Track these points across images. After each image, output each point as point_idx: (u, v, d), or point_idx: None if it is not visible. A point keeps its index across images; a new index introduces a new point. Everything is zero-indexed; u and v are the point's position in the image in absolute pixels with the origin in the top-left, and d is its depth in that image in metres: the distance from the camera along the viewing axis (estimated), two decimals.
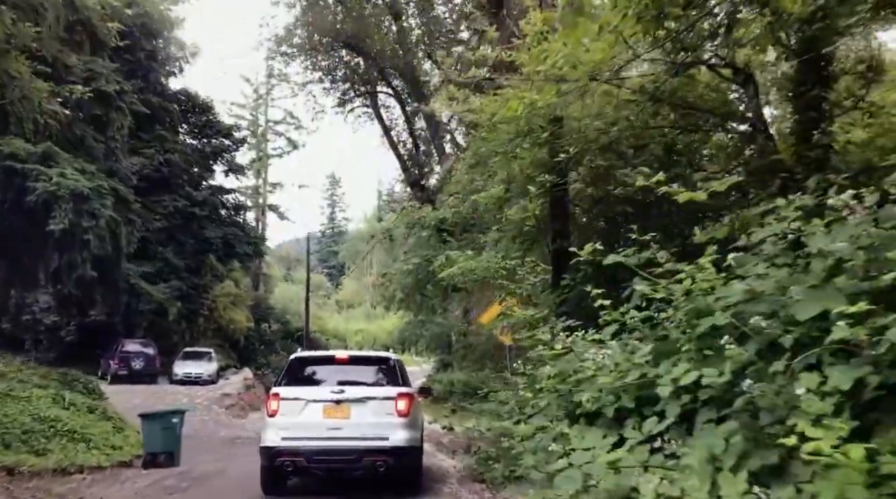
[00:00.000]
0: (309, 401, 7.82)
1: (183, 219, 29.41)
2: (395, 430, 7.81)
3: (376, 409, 7.84)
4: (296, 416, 7.76)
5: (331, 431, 7.67)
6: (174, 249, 29.08)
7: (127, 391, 24.09)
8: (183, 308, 28.97)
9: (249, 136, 55.64)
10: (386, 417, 7.82)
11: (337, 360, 8.74)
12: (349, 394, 7.84)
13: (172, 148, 29.02)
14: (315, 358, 9.37)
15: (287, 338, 39.89)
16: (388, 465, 7.73)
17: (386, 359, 8.99)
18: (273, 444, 7.74)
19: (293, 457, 7.66)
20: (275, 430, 7.84)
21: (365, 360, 9.28)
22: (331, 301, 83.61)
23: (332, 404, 7.78)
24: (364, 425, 7.72)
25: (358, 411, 7.79)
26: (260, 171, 55.60)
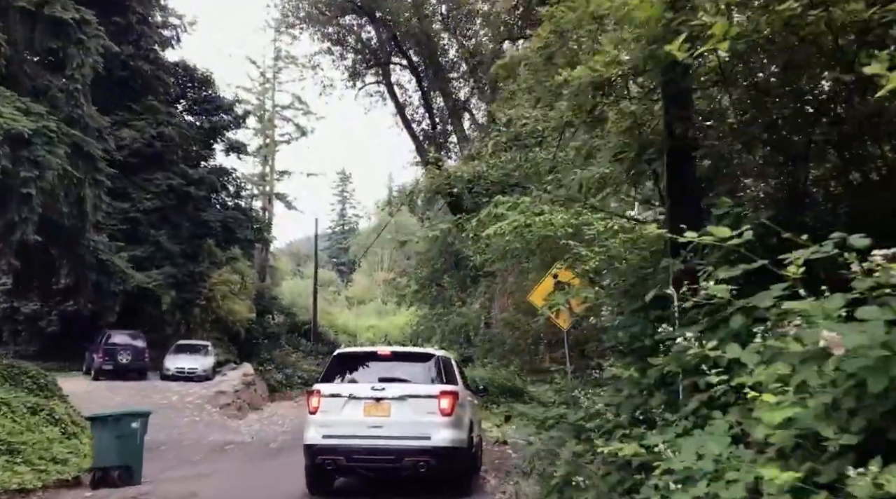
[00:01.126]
0: (349, 398, 7.69)
1: (178, 199, 26.72)
2: (438, 429, 7.54)
3: (417, 407, 7.62)
4: (336, 413, 7.64)
5: (371, 429, 7.49)
6: (168, 233, 26.41)
7: (110, 388, 21.35)
8: (178, 297, 26.28)
9: (256, 121, 53.38)
10: (427, 416, 7.57)
11: (380, 356, 8.49)
12: (390, 391, 7.64)
13: (166, 121, 26.33)
14: (358, 354, 9.13)
15: (293, 332, 37.18)
16: (431, 466, 7.49)
17: (430, 355, 8.67)
18: (314, 442, 7.61)
19: (333, 456, 7.53)
20: (316, 427, 7.69)
21: (408, 356, 8.92)
22: (341, 297, 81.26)
23: (373, 401, 7.61)
24: (405, 423, 7.52)
25: (398, 409, 7.58)
26: (267, 157, 53.07)
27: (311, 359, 34.70)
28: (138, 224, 25.45)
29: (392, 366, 8.36)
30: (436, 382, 8.05)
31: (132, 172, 25.97)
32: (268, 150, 52.99)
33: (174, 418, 18.03)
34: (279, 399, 27.77)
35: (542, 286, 9.87)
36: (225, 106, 30.94)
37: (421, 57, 33.68)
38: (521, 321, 18.22)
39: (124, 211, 25.28)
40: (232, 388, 21.46)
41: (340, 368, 8.40)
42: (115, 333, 23.22)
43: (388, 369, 8.27)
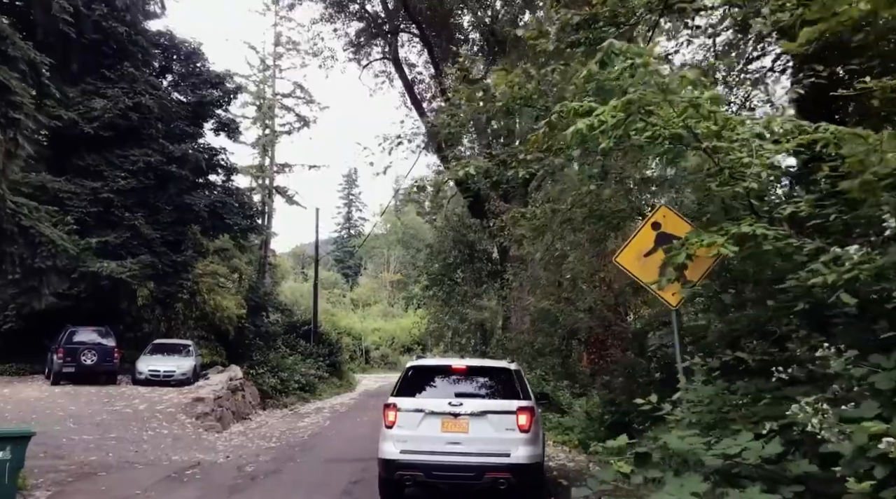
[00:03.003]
0: (427, 413, 7.69)
1: (157, 179, 23.59)
2: (517, 446, 7.55)
3: (496, 423, 7.60)
4: (414, 428, 7.65)
5: (449, 445, 7.51)
6: (146, 217, 23.22)
7: (68, 395, 18.21)
8: (157, 290, 23.09)
9: (255, 110, 50.42)
10: (506, 432, 7.56)
11: (454, 369, 8.42)
12: (467, 407, 7.65)
13: (145, 90, 23.15)
14: (431, 367, 8.83)
15: (291, 332, 33.91)
16: (510, 483, 7.47)
17: (505, 369, 8.46)
18: (392, 457, 7.61)
19: (412, 471, 7.54)
20: (393, 442, 7.68)
21: (483, 370, 8.62)
22: (346, 299, 78.55)
23: (451, 416, 7.64)
24: (484, 439, 7.54)
25: (477, 425, 7.59)
26: (266, 148, 49.99)
27: (310, 361, 31.46)
28: (111, 205, 22.33)
29: (466, 379, 8.31)
30: (513, 397, 7.97)
31: (104, 147, 22.92)
32: (267, 140, 49.93)
33: (135, 432, 14.82)
34: (272, 407, 24.54)
35: (638, 242, 6.55)
36: (213, 79, 27.75)
37: (432, 28, 30.55)
38: (562, 312, 14.82)
39: (95, 191, 22.19)
40: (213, 394, 18.23)
41: (415, 382, 8.33)
42: (79, 330, 20.08)
43: (463, 383, 8.26)
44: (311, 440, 16.13)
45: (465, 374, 8.45)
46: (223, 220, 26.29)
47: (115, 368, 20.34)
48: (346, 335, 54.50)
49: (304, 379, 28.47)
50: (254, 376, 25.15)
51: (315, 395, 28.94)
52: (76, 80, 22.98)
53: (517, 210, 13.20)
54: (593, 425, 13.20)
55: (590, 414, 13.61)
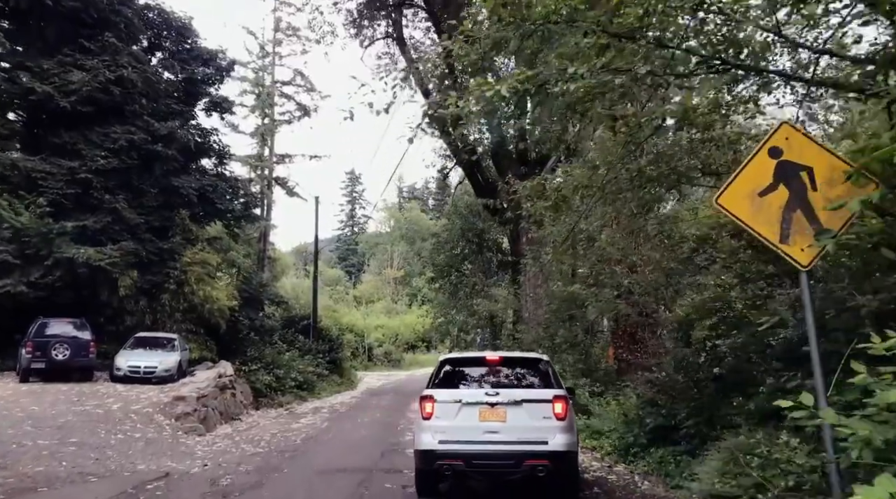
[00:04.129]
0: (464, 404, 7.81)
1: (141, 159, 21.73)
2: (554, 433, 7.62)
3: (532, 412, 7.73)
4: (451, 419, 7.75)
5: (487, 434, 7.62)
6: (129, 200, 21.35)
7: (36, 394, 16.39)
8: (141, 279, 21.17)
9: (253, 99, 48.62)
10: (543, 420, 7.68)
11: (487, 361, 8.52)
12: (504, 396, 7.79)
13: (128, 63, 21.25)
14: (465, 359, 9.06)
15: (289, 327, 31.99)
16: (548, 470, 7.52)
17: (537, 360, 8.75)
18: (431, 447, 7.70)
19: (452, 461, 7.61)
20: (431, 433, 7.77)
21: (516, 361, 8.85)
22: (349, 296, 76.87)
23: (488, 406, 7.73)
24: (522, 428, 7.63)
25: (514, 414, 7.70)
26: (265, 137, 48.16)
27: (308, 358, 29.53)
28: (90, 187, 20.45)
29: (501, 371, 8.41)
30: (547, 386, 8.12)
31: (83, 124, 21.04)
32: (266, 129, 48.06)
33: (102, 436, 12.93)
34: (266, 406, 22.64)
35: (748, 175, 4.56)
36: (205, 55, 25.82)
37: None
38: (593, 297, 12.86)
39: (72, 170, 20.32)
40: (196, 392, 16.33)
41: (449, 374, 8.46)
42: (52, 323, 18.20)
43: (498, 374, 8.35)
44: (304, 445, 14.21)
45: (499, 365, 8.52)
46: (214, 205, 24.40)
47: (91, 363, 18.47)
48: (349, 332, 52.61)
49: (302, 376, 26.55)
50: (246, 373, 23.25)
51: (314, 393, 27.03)
52: (52, 52, 21.13)
53: (541, 178, 11.25)
54: (631, 430, 11.24)
55: (627, 416, 11.63)
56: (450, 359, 8.92)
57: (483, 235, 28.44)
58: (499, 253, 29.19)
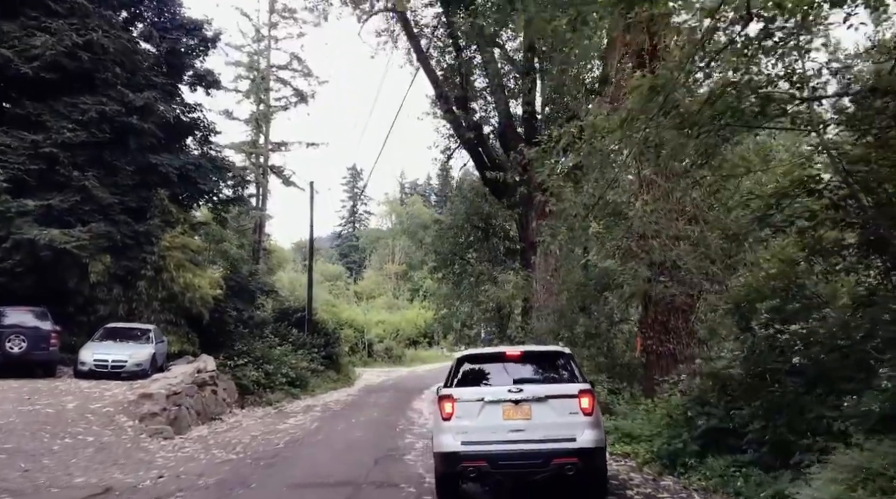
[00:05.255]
0: (486, 402, 7.45)
1: (114, 133, 19.75)
2: (582, 430, 7.28)
3: (558, 408, 7.40)
4: (473, 418, 7.41)
5: (512, 433, 7.30)
6: (101, 178, 19.36)
7: None
8: (115, 265, 19.20)
9: (249, 84, 46.63)
10: (569, 416, 7.35)
11: (508, 356, 8.19)
12: (528, 393, 7.42)
13: (99, 27, 19.23)
14: (484, 356, 8.58)
15: (282, 320, 29.99)
16: (577, 468, 7.23)
17: (559, 353, 8.50)
18: (453, 449, 7.31)
19: (476, 462, 7.24)
20: (452, 434, 7.37)
21: (537, 355, 8.59)
22: (349, 292, 75.08)
23: (511, 404, 7.38)
24: (548, 425, 7.28)
25: (539, 410, 7.37)
26: (260, 123, 46.16)
27: (302, 353, 27.52)
28: (55, 162, 18.47)
29: (522, 366, 8.11)
30: (572, 380, 7.80)
31: (48, 93, 19.02)
32: (260, 114, 46.05)
33: (44, 442, 11.02)
34: (253, 405, 20.69)
35: None
36: (188, 25, 23.80)
37: None
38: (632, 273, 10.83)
39: (35, 144, 18.33)
40: (167, 390, 14.37)
41: (468, 371, 8.05)
42: (8, 312, 16.27)
43: (520, 370, 8.03)
44: (285, 450, 12.23)
45: (520, 360, 8.21)
46: (197, 186, 22.41)
47: (52, 357, 16.54)
48: (348, 327, 50.63)
49: (295, 372, 24.54)
50: (232, 369, 21.25)
51: (307, 390, 25.04)
52: (15, 13, 19.12)
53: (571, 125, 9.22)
54: (678, 434, 9.21)
55: (672, 417, 9.60)
56: (468, 356, 8.51)
57: (489, 220, 26.39)
58: (506, 240, 27.14)
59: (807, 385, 7.26)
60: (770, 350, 7.88)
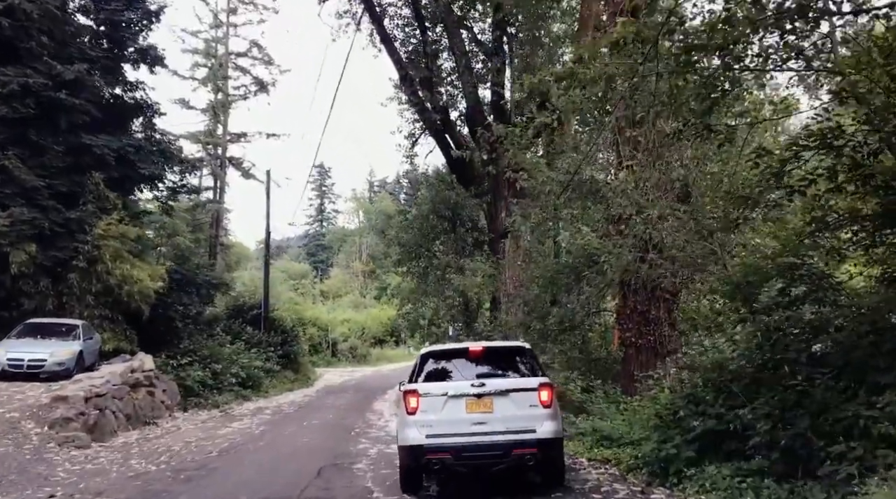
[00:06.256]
0: (449, 396, 7.64)
1: (41, 109, 17.85)
2: (542, 421, 7.57)
3: (519, 401, 7.64)
4: (438, 412, 7.59)
5: (475, 426, 7.50)
6: (24, 158, 17.49)
7: None
8: (42, 255, 17.32)
9: (206, 71, 44.54)
10: (530, 409, 7.59)
11: (470, 352, 8.32)
12: (490, 387, 7.64)
13: None
14: (447, 352, 8.82)
15: (235, 317, 28.13)
16: (537, 458, 7.53)
17: (520, 348, 8.77)
18: (418, 443, 7.48)
19: (440, 455, 7.40)
20: (417, 428, 7.56)
21: (499, 351, 8.95)
22: (315, 291, 73.13)
23: (474, 398, 7.58)
24: (509, 418, 7.53)
25: (501, 403, 7.59)
26: (218, 113, 44.08)
27: (256, 352, 25.77)
28: None
29: (484, 361, 8.23)
30: (532, 374, 8.09)
31: None
32: (218, 103, 43.99)
33: None
34: (198, 407, 19.00)
35: None
36: None
37: None
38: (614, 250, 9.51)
39: None
40: (86, 392, 12.67)
41: (432, 367, 8.25)
42: None
43: (481, 365, 8.17)
44: (217, 459, 10.64)
45: (482, 355, 8.33)
46: (137, 170, 20.52)
47: None
48: (312, 326, 48.74)
49: (246, 372, 22.81)
50: (175, 368, 19.50)
51: (260, 391, 23.34)
52: None
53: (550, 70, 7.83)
54: (670, 437, 7.88)
55: (661, 417, 8.27)
56: (431, 352, 8.71)
57: (457, 209, 24.98)
58: (474, 231, 25.77)
59: (835, 378, 5.98)
60: (783, 337, 6.58)
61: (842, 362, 6.14)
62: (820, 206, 7.20)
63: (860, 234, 7.48)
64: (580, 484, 8.12)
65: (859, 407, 5.48)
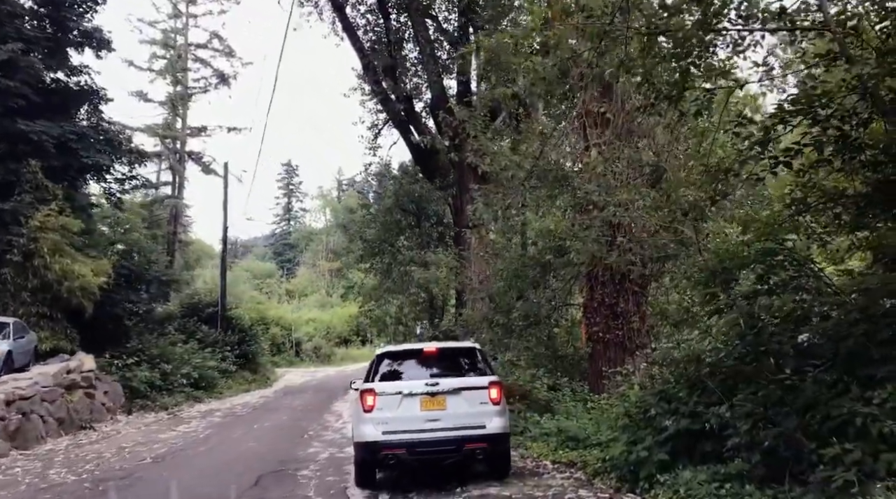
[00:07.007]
0: (405, 395, 7.94)
1: None
2: (491, 418, 7.97)
3: (471, 398, 8.01)
4: (394, 410, 7.90)
5: (429, 422, 7.83)
6: None
7: None
8: None
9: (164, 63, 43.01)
10: (480, 406, 7.99)
11: (425, 353, 8.76)
12: (444, 385, 7.99)
13: None
14: (403, 352, 9.12)
15: (191, 315, 26.89)
16: (486, 452, 7.96)
17: (471, 348, 9.10)
18: (374, 439, 7.79)
19: (395, 450, 7.77)
20: (373, 425, 7.87)
21: (452, 351, 9.29)
22: (281, 290, 71.57)
23: (428, 396, 7.92)
24: (461, 414, 7.89)
25: (454, 401, 7.93)
26: (176, 105, 42.56)
27: (212, 351, 24.67)
28: None
29: (437, 361, 8.59)
30: (482, 373, 8.41)
31: None
32: (177, 96, 42.46)
33: None
34: (144, 409, 17.93)
35: None
36: None
37: None
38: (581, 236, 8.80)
39: None
40: (8, 396, 11.70)
41: (388, 367, 8.52)
42: None
43: (434, 365, 8.52)
44: (149, 467, 9.68)
45: (436, 356, 8.66)
46: (80, 159, 19.27)
47: None
48: (275, 326, 47.44)
49: (199, 373, 21.71)
50: (120, 369, 18.36)
51: (213, 392, 22.25)
52: None
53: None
54: (640, 438, 7.19)
55: (631, 416, 7.58)
56: (387, 353, 8.93)
57: (421, 202, 24.17)
58: (439, 226, 24.99)
59: (823, 371, 5.32)
60: (767, 325, 5.92)
61: (831, 354, 5.49)
62: (804, 184, 6.58)
63: (843, 216, 6.92)
64: (542, 490, 7.40)
65: (854, 403, 4.83)
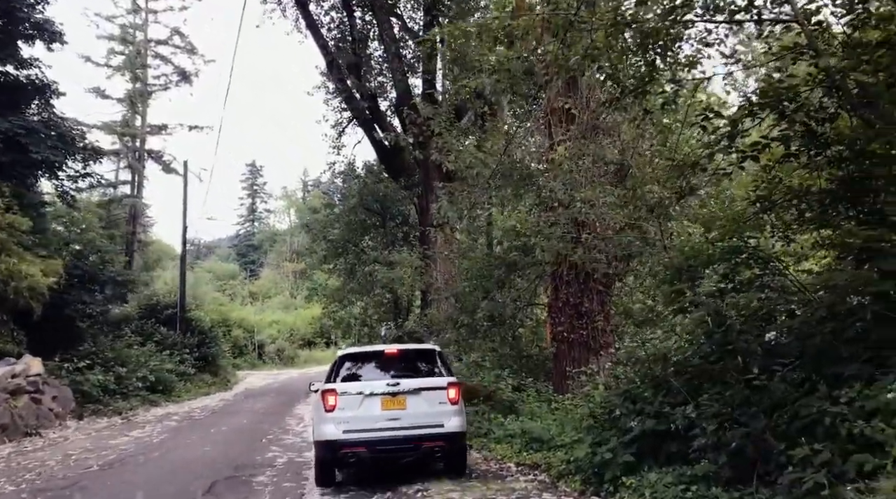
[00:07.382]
0: (366, 395, 8.14)
1: None
2: (449, 417, 8.19)
3: (430, 398, 8.23)
4: (355, 409, 8.09)
5: (389, 421, 8.04)
6: None
7: None
8: None
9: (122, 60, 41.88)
10: (439, 406, 8.21)
11: (386, 354, 9.01)
12: (404, 386, 8.20)
13: None
14: (364, 354, 9.34)
15: (149, 317, 26.07)
16: (444, 450, 8.18)
17: (430, 350, 9.34)
18: (335, 437, 7.96)
19: (356, 448, 7.95)
20: (335, 424, 8.03)
21: (412, 353, 9.50)
22: (244, 292, 70.28)
23: (389, 396, 8.13)
24: (420, 414, 8.10)
25: (414, 401, 8.16)
26: (135, 102, 41.49)
27: (170, 353, 23.95)
28: None
29: (398, 362, 8.82)
30: (441, 374, 8.63)
31: None
32: (136, 93, 41.37)
33: None
34: (96, 414, 17.29)
35: None
36: None
37: None
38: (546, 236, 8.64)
39: None
40: None
41: (349, 368, 8.77)
42: None
43: (395, 366, 8.73)
44: (93, 476, 9.21)
45: (397, 357, 8.91)
46: (28, 154, 18.47)
47: None
48: (238, 328, 46.53)
49: (156, 376, 21.04)
50: (71, 372, 17.64)
51: (171, 396, 21.59)
52: None
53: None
54: (605, 439, 7.04)
55: (595, 417, 7.42)
56: (348, 354, 9.12)
57: (386, 201, 23.85)
58: (405, 226, 24.68)
59: (793, 371, 5.21)
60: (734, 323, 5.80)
61: (798, 352, 5.39)
62: (769, 180, 6.50)
63: (807, 213, 6.86)
64: (506, 494, 7.19)
65: (822, 402, 4.71)
